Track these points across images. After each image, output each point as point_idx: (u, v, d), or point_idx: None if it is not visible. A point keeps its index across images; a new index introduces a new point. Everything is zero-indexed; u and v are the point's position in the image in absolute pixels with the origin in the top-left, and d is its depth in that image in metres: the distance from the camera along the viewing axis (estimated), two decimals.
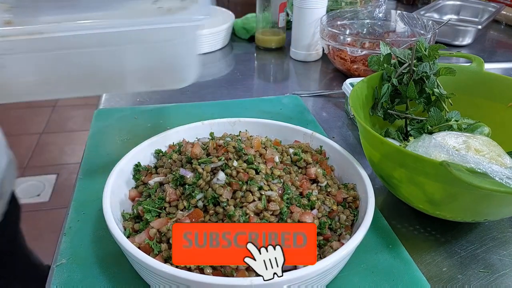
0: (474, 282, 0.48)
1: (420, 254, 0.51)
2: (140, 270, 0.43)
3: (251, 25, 1.18)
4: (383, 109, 0.63)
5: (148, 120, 0.75)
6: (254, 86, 0.97)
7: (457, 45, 1.18)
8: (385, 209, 0.57)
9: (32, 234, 1.67)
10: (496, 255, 0.51)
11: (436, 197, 0.49)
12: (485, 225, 0.56)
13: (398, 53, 0.62)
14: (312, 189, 0.50)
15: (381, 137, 0.49)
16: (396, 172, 0.50)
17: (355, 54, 0.91)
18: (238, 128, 0.61)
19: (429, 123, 0.59)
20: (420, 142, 0.52)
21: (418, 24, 1.00)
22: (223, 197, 0.44)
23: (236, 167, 0.47)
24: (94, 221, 0.52)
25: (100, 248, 0.49)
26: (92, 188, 0.57)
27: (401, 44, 0.89)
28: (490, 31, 1.36)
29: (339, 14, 1.06)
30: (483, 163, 0.43)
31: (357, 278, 0.46)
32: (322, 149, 0.58)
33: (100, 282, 0.45)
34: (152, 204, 0.47)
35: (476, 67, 0.65)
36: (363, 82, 0.61)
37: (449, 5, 1.35)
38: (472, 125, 0.59)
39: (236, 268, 0.40)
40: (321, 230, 0.46)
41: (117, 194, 0.50)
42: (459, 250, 0.52)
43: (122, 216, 0.49)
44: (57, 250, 0.49)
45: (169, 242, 0.43)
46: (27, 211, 1.79)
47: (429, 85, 0.60)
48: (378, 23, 1.08)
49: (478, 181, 0.39)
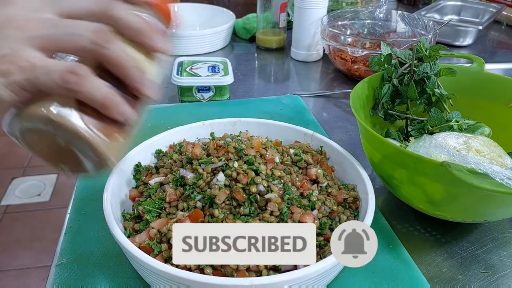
0: (474, 282, 0.47)
1: (421, 255, 0.51)
2: (140, 270, 0.43)
3: (251, 25, 1.18)
4: (383, 109, 0.63)
5: (148, 120, 0.75)
6: (255, 86, 0.97)
7: (457, 45, 1.18)
8: (385, 210, 0.57)
9: (32, 234, 1.68)
10: (497, 255, 0.51)
11: (436, 198, 0.49)
12: (486, 225, 0.56)
13: (399, 54, 0.62)
14: (312, 190, 0.50)
15: (381, 138, 0.49)
16: (396, 173, 0.50)
17: (355, 54, 0.91)
18: (239, 128, 0.61)
19: (430, 124, 0.59)
20: (420, 142, 0.52)
21: (419, 24, 1.00)
22: (218, 199, 0.44)
23: (236, 168, 0.47)
24: (94, 221, 0.52)
25: (100, 248, 0.49)
26: (92, 188, 0.57)
27: (402, 44, 0.89)
28: (491, 32, 1.35)
29: (340, 15, 1.06)
30: (483, 163, 0.43)
31: (357, 278, 0.46)
32: (322, 150, 0.58)
33: (100, 282, 0.45)
34: (153, 204, 0.47)
35: (477, 68, 0.65)
36: (363, 83, 0.61)
37: (450, 6, 1.35)
38: (473, 126, 0.59)
39: (236, 268, 0.40)
40: (322, 230, 0.46)
41: (118, 194, 0.50)
42: (460, 250, 0.52)
43: (123, 216, 0.49)
44: (57, 250, 0.49)
45: (169, 242, 0.43)
46: (28, 210, 1.79)
47: (429, 85, 0.60)
48: (379, 23, 1.08)
49: (478, 182, 0.39)
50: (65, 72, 0.30)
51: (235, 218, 0.44)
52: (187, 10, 1.27)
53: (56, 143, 0.32)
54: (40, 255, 1.57)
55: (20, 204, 1.82)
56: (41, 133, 0.32)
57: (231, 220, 0.44)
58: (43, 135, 0.32)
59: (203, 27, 1.22)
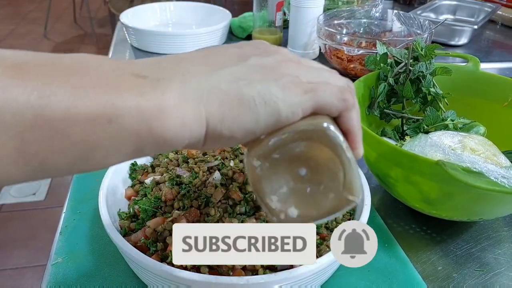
0: (469, 281, 0.48)
1: (416, 253, 0.51)
2: (137, 269, 0.43)
3: (248, 24, 1.18)
4: (379, 108, 0.63)
5: None
6: None
7: (453, 45, 1.18)
8: (381, 208, 0.58)
9: (28, 233, 1.67)
10: (491, 254, 0.51)
11: (432, 196, 0.49)
12: (480, 224, 0.56)
13: (395, 53, 0.63)
14: None
15: (377, 136, 0.49)
16: (392, 171, 0.50)
17: (352, 53, 0.91)
18: None
19: (425, 123, 0.59)
20: (416, 141, 0.53)
21: (415, 23, 1.00)
22: (214, 198, 0.44)
23: (232, 167, 0.47)
24: (90, 220, 0.52)
25: (96, 247, 0.49)
26: (88, 187, 0.57)
27: (398, 43, 0.89)
28: (486, 31, 1.36)
29: (336, 14, 1.06)
30: (478, 162, 0.43)
31: (353, 277, 0.46)
32: None
33: (96, 281, 0.45)
34: (148, 203, 0.47)
35: (472, 67, 0.65)
36: (359, 82, 0.61)
37: (446, 5, 1.35)
38: (468, 125, 0.59)
39: (232, 267, 0.40)
40: (318, 229, 0.46)
41: (113, 193, 0.49)
42: (455, 249, 0.52)
43: (118, 215, 0.49)
44: (53, 249, 0.49)
45: (165, 242, 0.43)
46: (23, 210, 1.78)
47: (425, 84, 0.61)
48: (375, 22, 1.08)
49: (473, 180, 0.40)
50: (342, 89, 0.30)
51: (231, 217, 0.44)
52: (183, 9, 1.27)
53: (297, 173, 0.30)
54: (35, 254, 1.57)
55: (15, 203, 1.81)
56: (296, 153, 0.29)
57: (227, 219, 0.44)
58: (296, 156, 0.30)
59: (199, 26, 1.22)
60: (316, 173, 0.30)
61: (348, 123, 0.31)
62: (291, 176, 0.30)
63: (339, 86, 0.31)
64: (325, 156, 0.30)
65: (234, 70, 0.28)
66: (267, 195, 0.31)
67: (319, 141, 0.29)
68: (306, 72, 0.30)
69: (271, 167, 0.30)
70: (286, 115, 0.28)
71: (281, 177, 0.30)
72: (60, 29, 3.72)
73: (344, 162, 0.30)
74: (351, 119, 0.31)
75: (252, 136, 0.28)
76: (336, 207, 0.31)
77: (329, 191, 0.30)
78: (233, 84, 0.27)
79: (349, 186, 0.30)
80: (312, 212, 0.31)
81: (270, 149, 0.29)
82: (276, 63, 0.30)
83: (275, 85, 0.28)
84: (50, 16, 3.59)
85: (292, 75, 0.29)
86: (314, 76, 0.30)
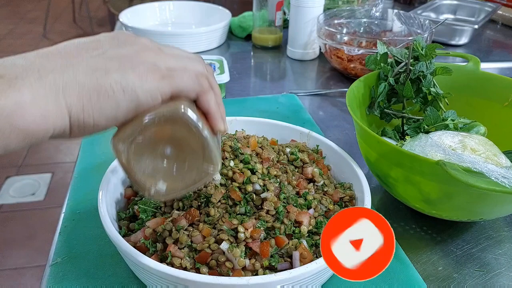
0: (469, 281, 0.48)
1: (416, 253, 0.51)
2: (136, 269, 0.42)
3: (248, 23, 1.18)
4: (379, 108, 0.63)
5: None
6: (251, 85, 0.97)
7: (453, 44, 1.18)
8: (381, 208, 0.57)
9: (27, 233, 1.67)
10: (492, 254, 0.51)
11: (432, 196, 0.49)
12: (481, 224, 0.56)
13: (395, 52, 0.62)
14: (308, 189, 0.50)
15: (377, 136, 0.49)
16: (392, 171, 0.50)
17: (352, 53, 0.91)
18: (235, 127, 0.61)
19: (426, 123, 0.59)
20: (416, 141, 0.53)
21: (415, 23, 1.00)
22: (213, 198, 0.44)
23: (232, 167, 0.46)
24: (89, 220, 0.52)
25: (95, 247, 0.49)
26: (87, 187, 0.57)
27: (398, 43, 0.89)
28: (487, 31, 1.36)
29: (336, 13, 1.06)
30: (479, 162, 0.43)
31: None
32: (318, 148, 0.58)
33: (95, 282, 0.44)
34: (148, 203, 0.47)
35: (472, 67, 0.65)
36: (360, 81, 0.61)
37: (446, 5, 1.35)
38: (468, 125, 0.59)
39: (232, 268, 0.40)
40: (318, 229, 0.46)
41: (113, 193, 0.49)
42: (455, 249, 0.52)
43: (118, 215, 0.48)
44: (52, 249, 0.48)
45: (164, 242, 0.43)
46: (22, 210, 1.78)
47: (425, 84, 0.61)
48: (375, 22, 1.08)
49: (474, 181, 0.40)
50: (199, 74, 0.35)
51: (231, 217, 0.44)
52: (183, 8, 1.26)
53: (163, 152, 0.34)
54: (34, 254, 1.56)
55: (15, 204, 1.81)
56: (159, 135, 0.34)
57: (227, 219, 0.43)
58: (159, 138, 0.34)
59: (199, 25, 1.22)
60: (179, 150, 0.35)
61: (205, 105, 0.36)
62: (157, 156, 0.35)
63: (196, 72, 0.35)
64: (184, 135, 0.34)
65: (91, 62, 0.30)
66: (136, 175, 0.35)
67: (177, 123, 0.33)
68: (165, 59, 0.34)
69: (137, 149, 0.34)
70: (145, 100, 0.31)
71: (147, 158, 0.35)
72: (59, 28, 3.72)
73: (201, 139, 0.34)
74: (208, 101, 0.36)
75: (115, 122, 0.31)
76: (199, 177, 0.36)
77: (192, 164, 0.35)
78: (89, 75, 0.30)
79: (208, 158, 0.35)
80: (178, 184, 0.36)
81: (134, 133, 0.33)
82: (134, 52, 0.33)
83: (132, 73, 0.31)
84: (49, 15, 3.59)
85: (149, 62, 0.32)
86: (173, 63, 0.34)
